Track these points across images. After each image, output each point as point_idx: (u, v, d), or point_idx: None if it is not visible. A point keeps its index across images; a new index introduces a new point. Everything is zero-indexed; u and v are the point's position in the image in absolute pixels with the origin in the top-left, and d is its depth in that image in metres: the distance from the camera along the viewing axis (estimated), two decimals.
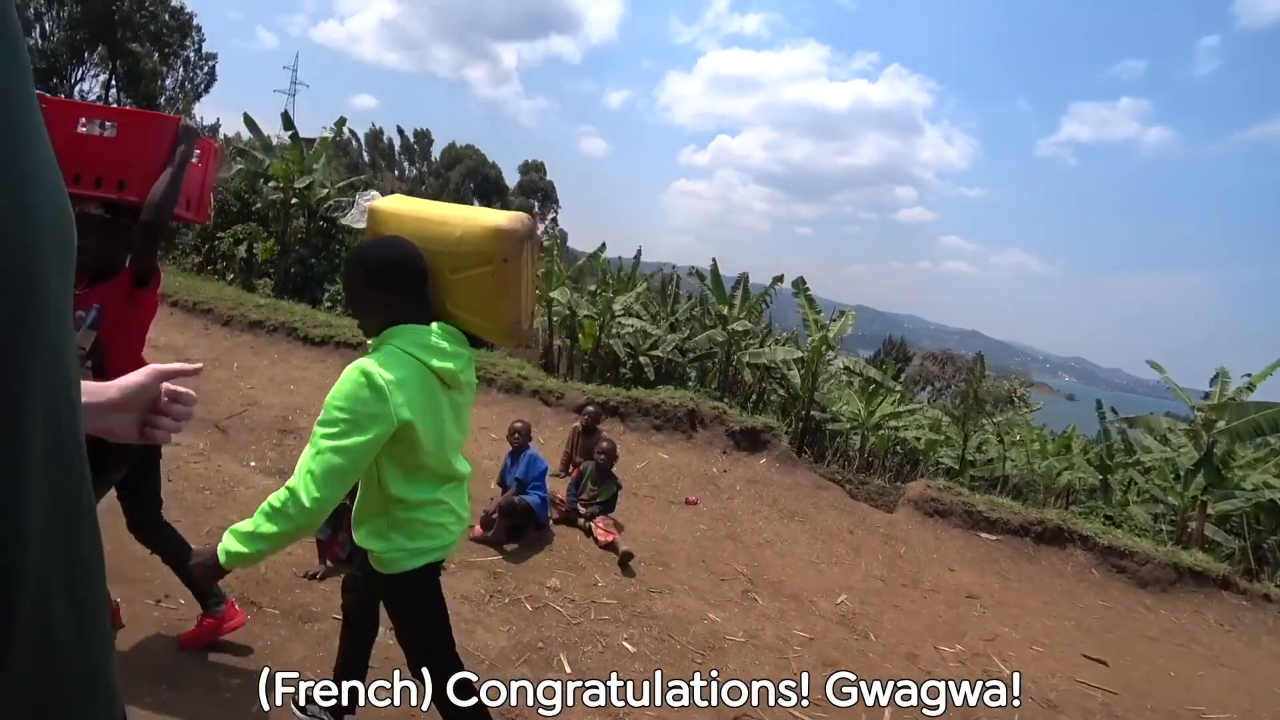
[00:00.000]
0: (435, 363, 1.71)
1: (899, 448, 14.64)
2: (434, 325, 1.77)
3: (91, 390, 0.86)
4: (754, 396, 15.30)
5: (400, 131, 60.34)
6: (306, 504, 1.58)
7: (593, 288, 14.52)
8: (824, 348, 10.95)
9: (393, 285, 1.74)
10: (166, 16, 19.07)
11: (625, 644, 3.34)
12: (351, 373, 1.64)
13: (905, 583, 4.73)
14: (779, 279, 12.76)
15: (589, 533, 4.53)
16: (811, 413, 12.53)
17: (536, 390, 7.24)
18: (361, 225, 1.91)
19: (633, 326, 13.86)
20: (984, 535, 5.39)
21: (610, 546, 4.35)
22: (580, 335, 13.66)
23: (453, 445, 1.83)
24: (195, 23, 20.59)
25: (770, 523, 5.33)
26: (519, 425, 4.62)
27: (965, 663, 3.80)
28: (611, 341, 13.65)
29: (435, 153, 59.87)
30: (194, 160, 2.26)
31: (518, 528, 4.30)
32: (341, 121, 13.51)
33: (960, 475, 11.93)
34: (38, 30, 17.78)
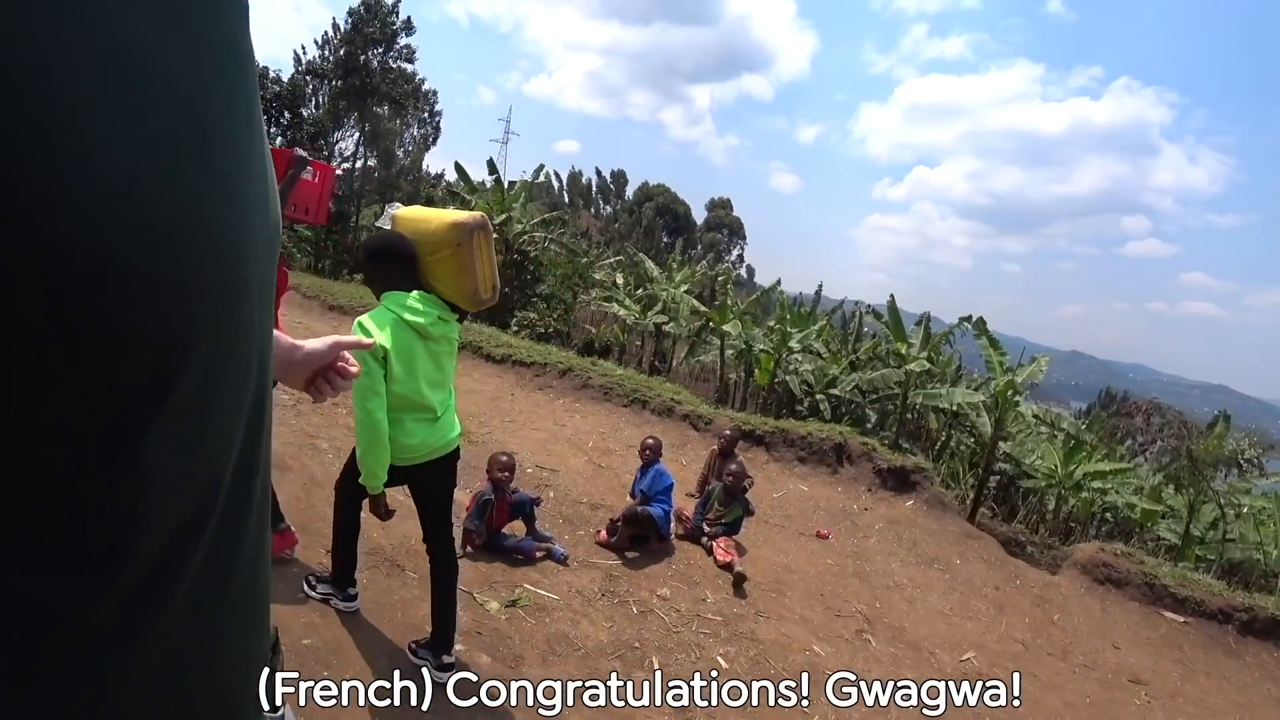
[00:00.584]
0: (408, 317, 2.43)
1: (1109, 514, 12.70)
2: (415, 292, 2.48)
3: (283, 345, 0.96)
4: (938, 444, 14.09)
5: (598, 172, 65.31)
6: (363, 419, 2.37)
7: (771, 323, 14.37)
8: (1010, 393, 9.95)
9: (382, 263, 2.52)
10: (405, 84, 22.93)
11: (719, 659, 3.42)
12: (354, 324, 2.42)
13: (1052, 652, 4.22)
14: (966, 319, 11.86)
15: (709, 551, 4.65)
16: (999, 465, 11.33)
17: (687, 415, 7.51)
18: (388, 226, 2.67)
19: (810, 363, 13.46)
20: (1168, 614, 4.63)
21: (727, 567, 4.44)
22: (757, 370, 13.56)
23: (429, 380, 2.52)
24: (428, 88, 24.52)
25: (905, 566, 5.05)
26: (650, 441, 4.89)
27: None
28: (788, 378, 13.35)
29: (629, 192, 63.70)
30: (307, 178, 3.04)
31: (640, 537, 4.54)
32: (540, 168, 15.20)
33: (1184, 553, 10.10)
34: (313, 103, 22.51)
